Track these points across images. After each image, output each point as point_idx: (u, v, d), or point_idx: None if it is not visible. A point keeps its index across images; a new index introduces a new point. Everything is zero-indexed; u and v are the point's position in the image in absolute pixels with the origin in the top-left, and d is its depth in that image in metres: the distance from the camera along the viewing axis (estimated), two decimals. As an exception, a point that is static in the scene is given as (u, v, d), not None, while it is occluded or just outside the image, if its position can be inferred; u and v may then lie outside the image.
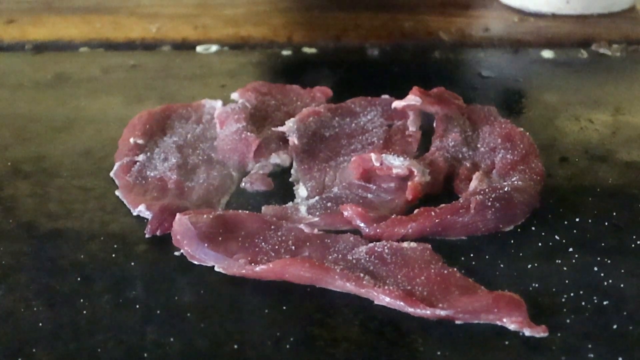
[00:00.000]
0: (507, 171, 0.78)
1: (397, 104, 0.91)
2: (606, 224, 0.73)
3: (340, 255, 0.67)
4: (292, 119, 0.89)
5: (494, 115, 0.90)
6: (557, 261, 0.68)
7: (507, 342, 0.58)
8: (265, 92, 0.97)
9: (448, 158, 0.82)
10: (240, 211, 0.73)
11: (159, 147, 0.85)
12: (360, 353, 0.58)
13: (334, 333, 0.60)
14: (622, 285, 0.64)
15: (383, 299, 0.62)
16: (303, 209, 0.75)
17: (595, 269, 0.67)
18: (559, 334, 0.59)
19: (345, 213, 0.72)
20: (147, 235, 0.72)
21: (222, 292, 0.65)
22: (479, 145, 0.85)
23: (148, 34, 1.30)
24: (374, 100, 0.95)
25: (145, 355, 0.58)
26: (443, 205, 0.72)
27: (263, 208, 0.75)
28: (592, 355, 0.57)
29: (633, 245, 0.70)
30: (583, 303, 0.62)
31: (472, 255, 0.69)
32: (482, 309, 0.60)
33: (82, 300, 0.64)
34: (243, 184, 0.81)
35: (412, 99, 0.90)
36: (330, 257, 0.67)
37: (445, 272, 0.65)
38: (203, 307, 0.63)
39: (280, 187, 0.81)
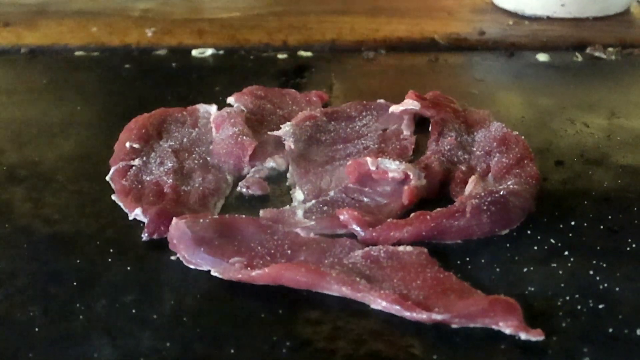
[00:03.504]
0: (502, 175, 0.78)
1: (395, 108, 0.91)
2: (601, 227, 0.73)
3: (336, 260, 0.67)
4: (288, 123, 0.89)
5: (489, 118, 0.90)
6: (552, 265, 0.68)
7: (503, 346, 0.58)
8: (261, 96, 0.97)
9: (443, 162, 0.82)
10: (236, 215, 0.73)
11: (155, 152, 0.85)
12: (356, 357, 0.58)
13: (330, 337, 0.60)
14: (617, 289, 0.64)
15: (379, 303, 0.62)
16: (300, 212, 0.75)
17: (591, 272, 0.67)
18: (554, 338, 0.59)
19: (342, 217, 0.72)
20: (144, 239, 0.72)
21: (219, 296, 0.65)
22: (474, 149, 0.85)
23: (144, 38, 1.30)
24: (369, 104, 0.96)
25: (142, 360, 0.58)
26: (439, 209, 0.72)
27: (261, 212, 0.75)
28: (587, 359, 0.57)
29: (628, 249, 0.70)
30: (579, 307, 0.62)
31: (467, 259, 0.69)
32: (478, 313, 0.60)
33: (78, 305, 0.64)
34: (239, 188, 0.81)
35: (410, 103, 0.90)
36: (326, 261, 0.67)
37: (441, 276, 0.65)
38: (199, 311, 0.63)
39: (277, 190, 0.81)
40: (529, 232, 0.72)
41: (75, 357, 0.58)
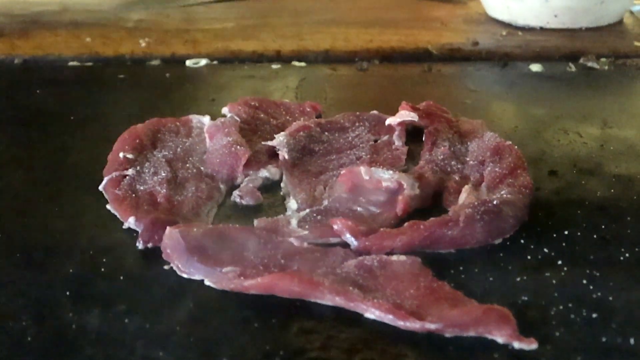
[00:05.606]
0: (495, 184, 0.79)
1: (392, 120, 0.91)
2: (595, 237, 0.73)
3: (329, 269, 0.67)
4: (282, 133, 0.89)
5: (482, 128, 0.90)
6: (546, 274, 0.68)
7: (496, 355, 0.58)
8: (255, 106, 0.97)
9: (437, 171, 0.82)
10: (229, 225, 0.73)
11: (148, 162, 0.85)
12: (349, 367, 0.58)
13: (323, 347, 0.60)
14: (610, 298, 0.64)
15: (372, 312, 0.62)
16: (294, 221, 0.75)
17: (584, 281, 0.67)
18: (548, 347, 0.59)
19: (335, 226, 0.72)
20: (139, 247, 0.72)
21: (212, 306, 0.64)
22: (467, 159, 0.85)
23: (137, 49, 1.30)
24: (362, 115, 0.96)
25: (135, 369, 0.58)
26: (432, 218, 0.72)
27: (255, 221, 0.75)
28: (581, 368, 0.58)
29: (622, 258, 0.70)
30: (572, 316, 0.62)
31: (461, 268, 0.69)
32: (472, 322, 0.60)
33: (70, 315, 0.63)
34: (233, 197, 0.81)
35: (406, 114, 0.90)
36: (319, 270, 0.67)
37: (435, 285, 0.65)
38: (192, 321, 0.63)
39: (271, 200, 0.81)
40: (522, 241, 0.72)
41: (68, 367, 0.58)
